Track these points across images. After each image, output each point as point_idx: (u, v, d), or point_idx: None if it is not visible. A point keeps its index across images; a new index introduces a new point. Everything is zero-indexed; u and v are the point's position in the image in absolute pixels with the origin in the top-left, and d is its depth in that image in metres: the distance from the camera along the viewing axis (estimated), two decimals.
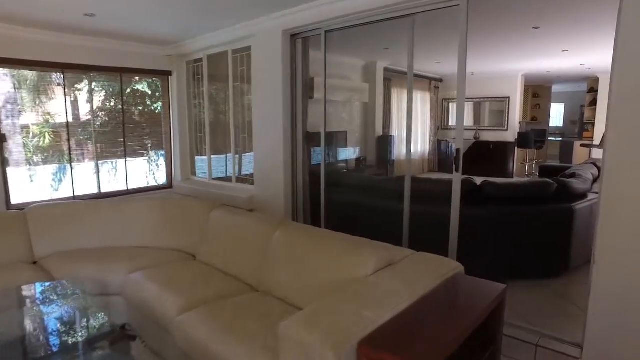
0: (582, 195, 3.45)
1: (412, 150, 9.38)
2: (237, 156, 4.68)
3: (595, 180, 4.36)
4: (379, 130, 7.75)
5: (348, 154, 7.18)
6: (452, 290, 1.94)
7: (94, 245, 3.28)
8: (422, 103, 9.46)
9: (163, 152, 5.53)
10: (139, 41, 4.75)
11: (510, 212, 3.22)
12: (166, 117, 5.40)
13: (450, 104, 9.80)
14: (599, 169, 4.82)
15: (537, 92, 11.69)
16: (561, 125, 12.95)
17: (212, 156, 5.19)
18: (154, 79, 5.31)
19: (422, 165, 9.53)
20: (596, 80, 9.39)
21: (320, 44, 3.49)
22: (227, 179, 4.81)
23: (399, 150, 8.66)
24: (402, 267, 2.12)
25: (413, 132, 9.20)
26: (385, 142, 7.72)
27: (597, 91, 9.41)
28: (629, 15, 1.97)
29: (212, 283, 2.65)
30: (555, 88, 11.89)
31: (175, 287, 2.54)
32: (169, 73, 5.27)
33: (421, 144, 9.52)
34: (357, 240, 2.37)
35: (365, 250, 2.15)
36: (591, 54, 6.46)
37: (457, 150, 2.69)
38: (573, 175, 3.84)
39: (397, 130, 8.58)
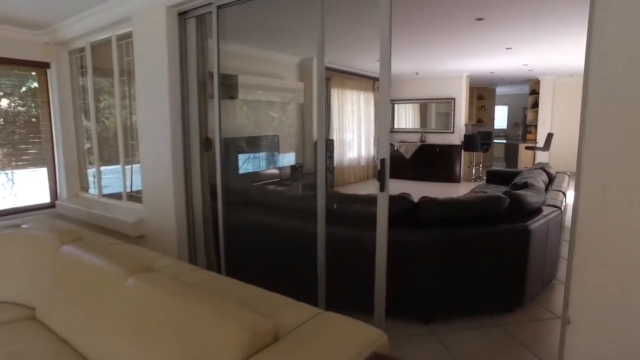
0: (537, 211, 2.89)
1: (355, 155, 8.82)
2: (128, 167, 3.75)
3: (546, 188, 3.91)
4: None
5: (282, 160, 6.40)
6: None
7: None
8: (366, 104, 8.91)
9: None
10: None
11: (454, 235, 2.58)
12: (45, 119, 4.33)
13: (396, 105, 9.33)
14: (548, 174, 4.41)
15: (482, 94, 11.61)
16: (505, 128, 13.01)
17: (107, 167, 4.21)
18: (26, 71, 4.23)
19: (366, 170, 8.94)
20: (537, 82, 9.35)
21: (213, 24, 2.69)
22: (120, 195, 3.87)
23: (340, 155, 8.02)
24: (291, 346, 1.36)
25: (356, 135, 8.67)
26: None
27: (538, 93, 9.36)
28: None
29: None
30: (499, 90, 11.95)
31: None
32: (46, 65, 4.21)
33: (365, 148, 8.94)
34: (233, 300, 1.58)
35: (234, 322, 1.36)
36: (534, 53, 6.33)
37: (382, 162, 1.96)
38: (525, 185, 3.30)
39: (338, 134, 7.93)
